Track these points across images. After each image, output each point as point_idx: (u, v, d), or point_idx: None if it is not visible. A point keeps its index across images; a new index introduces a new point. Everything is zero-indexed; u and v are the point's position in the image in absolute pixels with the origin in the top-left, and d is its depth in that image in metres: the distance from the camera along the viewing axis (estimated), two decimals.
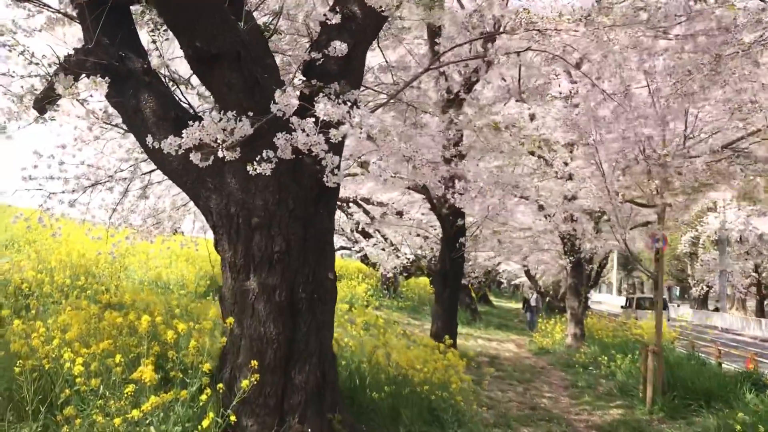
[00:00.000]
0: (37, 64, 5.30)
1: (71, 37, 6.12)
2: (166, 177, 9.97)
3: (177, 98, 5.28)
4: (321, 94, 4.50)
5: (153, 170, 8.81)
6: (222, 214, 4.83)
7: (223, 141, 4.08)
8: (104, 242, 10.13)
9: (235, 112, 4.14)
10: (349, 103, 4.33)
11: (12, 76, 5.54)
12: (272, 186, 4.80)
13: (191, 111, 5.30)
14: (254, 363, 4.40)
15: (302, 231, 4.89)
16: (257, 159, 3.99)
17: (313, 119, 4.12)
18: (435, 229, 17.50)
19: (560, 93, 7.96)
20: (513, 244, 14.51)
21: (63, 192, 7.91)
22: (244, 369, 4.62)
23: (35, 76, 5.45)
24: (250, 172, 3.99)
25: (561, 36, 5.22)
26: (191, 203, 11.26)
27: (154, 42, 5.48)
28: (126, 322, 4.71)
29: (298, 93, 4.47)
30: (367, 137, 5.64)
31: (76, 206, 8.29)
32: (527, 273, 30.27)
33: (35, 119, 5.65)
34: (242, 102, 4.59)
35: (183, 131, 3.90)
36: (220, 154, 4.08)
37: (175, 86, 5.60)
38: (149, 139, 4.16)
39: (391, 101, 6.20)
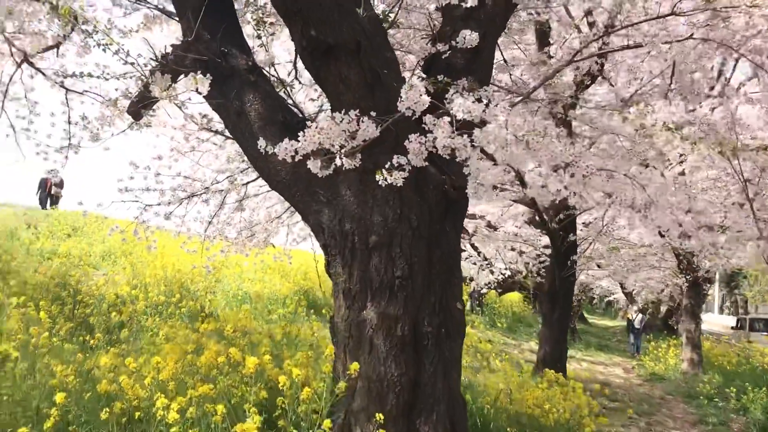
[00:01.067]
0: (132, 64, 4.81)
1: (168, 37, 5.65)
2: (262, 189, 9.56)
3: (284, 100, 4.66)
4: (451, 91, 3.77)
5: (250, 182, 8.40)
6: (335, 232, 4.15)
7: (341, 146, 3.39)
8: (199, 255, 9.90)
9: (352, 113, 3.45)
10: (484, 101, 3.59)
11: (106, 78, 5.09)
12: (393, 199, 4.09)
13: (299, 114, 4.67)
14: (375, 411, 3.68)
15: (427, 252, 4.15)
16: (387, 167, 3.28)
17: (449, 119, 3.40)
18: (530, 245, 16.47)
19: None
20: (623, 261, 13.31)
21: (159, 204, 7.67)
22: (361, 416, 3.91)
23: (130, 77, 4.98)
24: (380, 182, 3.28)
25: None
26: (285, 215, 10.78)
27: (258, 37, 4.89)
28: (226, 357, 4.09)
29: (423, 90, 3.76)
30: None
31: (171, 218, 8.00)
32: (624, 290, 28.49)
33: (129, 125, 5.17)
34: (359, 101, 3.90)
35: (300, 134, 3.24)
36: (337, 161, 3.40)
37: (281, 87, 4.99)
38: (261, 143, 3.52)
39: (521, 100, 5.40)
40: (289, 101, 4.85)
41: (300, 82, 5.44)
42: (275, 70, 4.98)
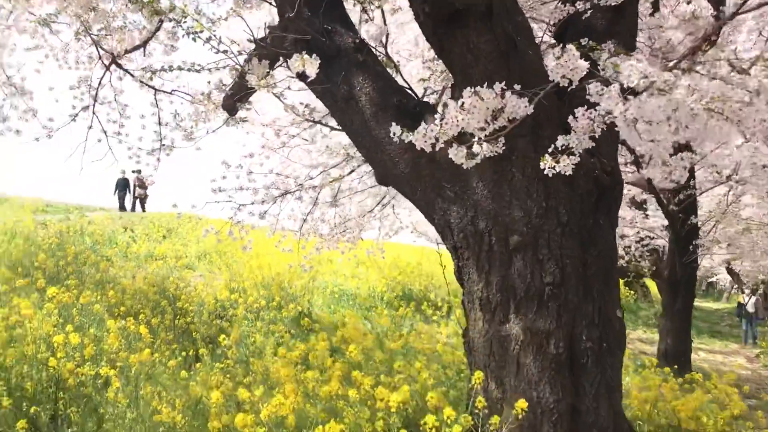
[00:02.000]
0: (225, 52, 4.32)
1: (260, 24, 5.15)
2: (354, 184, 9.06)
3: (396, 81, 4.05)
4: (604, 55, 3.07)
5: (344, 177, 7.95)
6: (466, 232, 3.51)
7: (482, 129, 2.75)
8: (294, 254, 9.57)
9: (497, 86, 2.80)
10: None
11: (197, 70, 4.64)
12: (536, 190, 3.42)
13: (414, 96, 4.05)
14: None
15: (580, 252, 3.46)
16: (551, 151, 2.62)
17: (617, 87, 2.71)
18: (634, 227, 15.31)
19: None
20: (756, 242, 12.04)
21: (252, 203, 7.39)
22: None
23: (223, 67, 4.51)
24: (546, 171, 2.62)
25: None
26: (377, 209, 10.25)
27: (364, 10, 4.30)
28: (351, 385, 3.52)
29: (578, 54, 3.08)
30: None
31: (265, 217, 7.70)
32: (729, 270, 26.47)
33: (225, 121, 4.71)
34: (492, 74, 3.24)
35: (435, 119, 2.62)
36: (475, 148, 2.75)
37: (392, 66, 4.38)
38: (396, 129, 2.91)
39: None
40: (401, 82, 4.23)
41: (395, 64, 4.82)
42: (385, 47, 4.37)
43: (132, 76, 5.72)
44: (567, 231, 3.41)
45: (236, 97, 4.48)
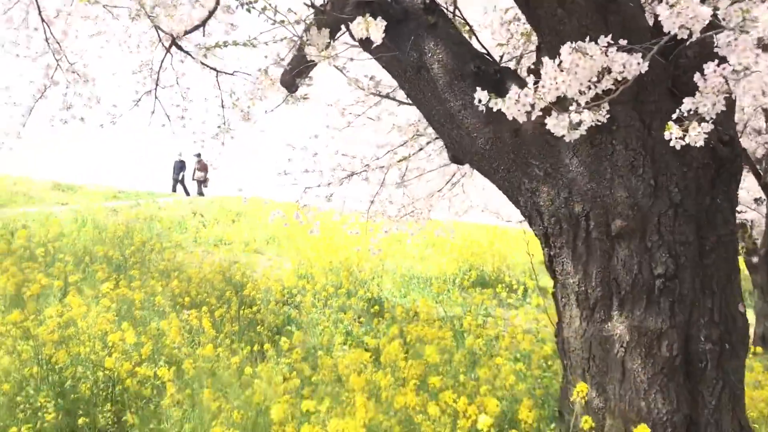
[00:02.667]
0: (281, 22, 3.94)
1: None
2: (422, 163, 8.61)
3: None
4: None
5: (412, 155, 7.55)
6: (559, 216, 3.03)
7: (582, 93, 2.27)
8: (362, 236, 9.28)
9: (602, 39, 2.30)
10: None
11: (253, 45, 4.29)
12: (643, 166, 2.91)
13: (494, 62, 3.56)
14: None
15: (696, 237, 2.93)
16: (675, 117, 2.12)
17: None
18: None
19: None
20: None
21: (318, 186, 7.16)
22: None
23: (280, 40, 4.13)
24: (673, 144, 2.13)
25: None
26: (447, 188, 9.77)
27: None
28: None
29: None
30: None
31: (332, 200, 7.49)
32: None
33: (285, 99, 4.34)
34: (587, 30, 2.73)
35: (525, 85, 2.16)
36: (573, 117, 2.27)
37: (469, 30, 3.90)
38: (482, 95, 2.44)
39: None
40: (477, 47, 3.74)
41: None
42: (455, 6, 3.87)
43: (192, 57, 5.46)
44: (680, 213, 2.89)
45: (295, 72, 4.11)
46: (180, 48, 5.50)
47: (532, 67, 3.94)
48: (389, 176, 7.92)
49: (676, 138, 2.07)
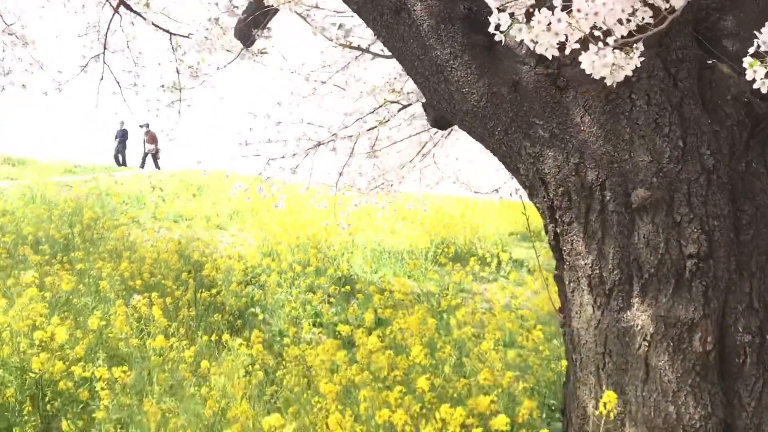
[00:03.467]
0: None
1: None
2: (393, 132, 8.09)
3: None
4: None
5: (383, 123, 7.04)
6: (568, 186, 2.54)
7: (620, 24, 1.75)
8: (330, 210, 8.79)
9: None
10: None
11: None
12: (669, 124, 2.42)
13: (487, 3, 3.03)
14: None
15: (731, 210, 2.47)
16: (751, 53, 1.62)
17: None
18: None
19: None
20: None
21: (283, 157, 6.67)
22: None
23: None
24: (758, 86, 1.62)
25: None
26: (417, 159, 9.27)
27: None
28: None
29: None
30: None
31: (297, 172, 7.06)
32: None
33: (239, 53, 3.76)
34: None
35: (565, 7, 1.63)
36: (606, 57, 1.74)
37: None
38: (503, 19, 1.88)
39: None
40: None
41: None
42: None
43: (143, 18, 4.88)
44: (714, 180, 2.42)
45: (250, 20, 3.53)
46: (129, 8, 4.93)
47: (531, 10, 3.40)
48: (358, 146, 7.43)
49: (761, 79, 1.56)
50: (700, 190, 2.40)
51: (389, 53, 3.06)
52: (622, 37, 1.58)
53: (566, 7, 1.49)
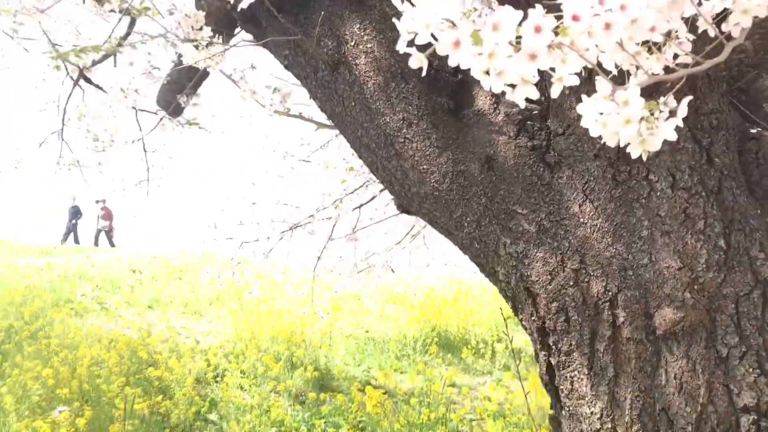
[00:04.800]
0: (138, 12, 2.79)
1: None
2: (378, 213, 7.46)
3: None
4: None
5: (363, 204, 6.50)
6: (565, 300, 1.80)
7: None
8: (310, 296, 8.19)
9: None
10: None
11: (119, 50, 3.10)
12: (705, 215, 1.71)
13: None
14: None
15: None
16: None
17: None
18: None
19: None
20: None
21: (257, 240, 6.15)
22: None
23: (150, 38, 2.91)
24: None
25: None
26: (406, 240, 8.61)
27: None
28: None
29: None
30: None
31: (270, 256, 6.63)
32: None
33: (158, 123, 3.10)
34: None
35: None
36: (619, 125, 1.05)
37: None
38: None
39: None
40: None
41: None
42: None
43: (104, 91, 4.28)
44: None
45: (174, 86, 2.90)
46: (89, 81, 4.33)
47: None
48: (338, 228, 6.85)
49: None
50: (754, 310, 1.66)
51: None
52: (653, 75, 0.90)
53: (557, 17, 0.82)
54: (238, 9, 2.15)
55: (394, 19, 0.75)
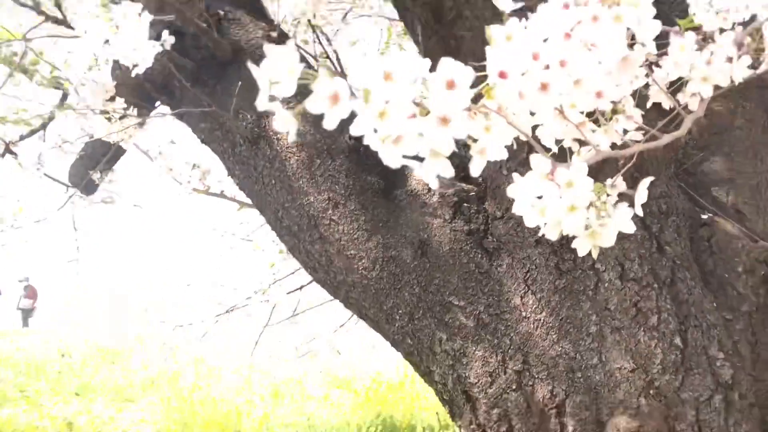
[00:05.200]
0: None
1: None
2: (324, 295, 7.26)
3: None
4: None
5: (304, 286, 6.30)
6: (507, 406, 1.59)
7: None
8: (247, 383, 7.82)
9: None
10: None
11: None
12: (658, 310, 1.54)
13: None
14: None
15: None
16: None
17: None
18: None
19: None
20: None
21: (191, 324, 5.89)
22: None
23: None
24: None
25: None
26: (352, 321, 8.38)
27: None
28: None
29: None
30: None
31: (204, 340, 6.29)
32: None
33: (68, 200, 2.84)
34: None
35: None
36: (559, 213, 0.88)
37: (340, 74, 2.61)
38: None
39: None
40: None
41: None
42: (319, 37, 2.49)
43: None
44: (734, 402, 1.52)
45: (87, 162, 2.66)
46: (14, 155, 4.05)
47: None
48: (278, 311, 6.59)
49: None
50: (717, 417, 1.48)
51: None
52: (601, 151, 0.72)
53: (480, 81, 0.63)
54: (153, 78, 1.96)
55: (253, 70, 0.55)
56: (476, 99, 0.59)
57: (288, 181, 1.86)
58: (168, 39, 1.71)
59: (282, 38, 2.03)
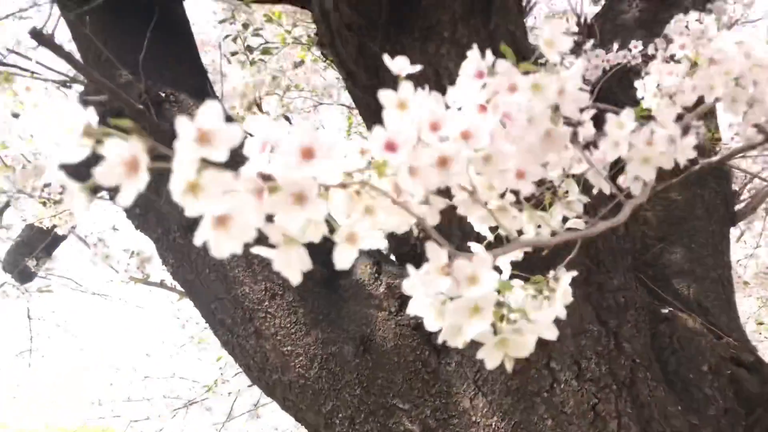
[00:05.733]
0: None
1: None
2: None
3: None
4: None
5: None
6: None
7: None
8: None
9: None
10: None
11: None
12: (617, 412, 1.41)
13: None
14: None
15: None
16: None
17: None
18: None
19: None
20: None
21: (147, 418, 5.69)
22: None
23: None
24: None
25: None
26: None
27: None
28: None
29: None
30: None
31: None
32: None
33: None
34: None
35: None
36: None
37: None
38: None
39: None
40: None
41: None
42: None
43: None
44: None
45: (22, 250, 2.52)
46: None
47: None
48: (239, 404, 6.39)
49: None
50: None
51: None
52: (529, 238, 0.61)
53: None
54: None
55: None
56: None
57: (223, 270, 1.73)
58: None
59: (228, 121, 1.95)
